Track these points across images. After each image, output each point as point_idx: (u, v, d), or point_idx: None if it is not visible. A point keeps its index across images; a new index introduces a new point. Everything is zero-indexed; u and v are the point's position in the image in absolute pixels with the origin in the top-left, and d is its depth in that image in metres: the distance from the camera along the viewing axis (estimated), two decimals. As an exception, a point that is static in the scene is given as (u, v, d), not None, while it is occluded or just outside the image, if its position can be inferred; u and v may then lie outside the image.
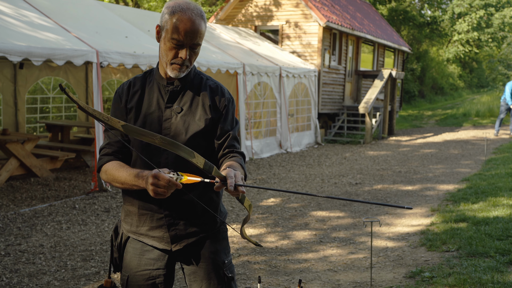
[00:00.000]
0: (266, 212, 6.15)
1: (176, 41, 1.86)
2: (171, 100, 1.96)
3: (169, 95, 1.96)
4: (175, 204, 1.95)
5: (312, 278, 4.05)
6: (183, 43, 1.87)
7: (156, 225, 1.97)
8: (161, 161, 1.93)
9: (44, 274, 4.07)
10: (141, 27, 9.02)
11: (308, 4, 13.61)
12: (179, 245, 1.98)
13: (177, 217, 1.96)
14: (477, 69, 41.88)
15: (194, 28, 1.86)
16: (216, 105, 1.99)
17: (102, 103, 6.86)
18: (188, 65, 1.93)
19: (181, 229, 1.97)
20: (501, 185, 7.15)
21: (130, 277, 2.03)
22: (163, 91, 1.97)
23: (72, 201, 6.45)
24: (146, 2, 18.06)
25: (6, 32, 6.11)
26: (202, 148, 1.97)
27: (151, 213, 1.97)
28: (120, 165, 1.91)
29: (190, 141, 1.93)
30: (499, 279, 3.73)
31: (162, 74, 1.98)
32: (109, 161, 1.95)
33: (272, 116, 11.29)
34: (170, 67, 1.91)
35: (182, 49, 1.88)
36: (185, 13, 1.85)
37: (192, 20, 1.86)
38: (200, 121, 1.96)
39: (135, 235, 2.03)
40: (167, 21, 1.88)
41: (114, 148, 1.98)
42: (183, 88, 1.98)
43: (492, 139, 13.46)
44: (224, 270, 2.03)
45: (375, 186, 7.74)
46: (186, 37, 1.85)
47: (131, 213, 2.02)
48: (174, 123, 1.94)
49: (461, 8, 33.27)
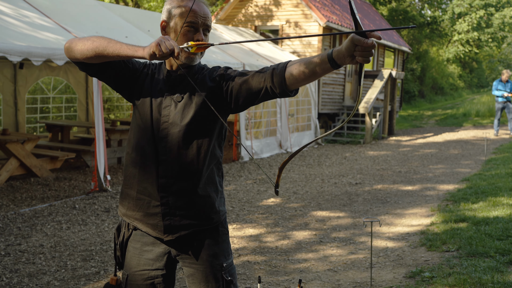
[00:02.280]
0: (266, 212, 6.15)
1: (191, 23, 1.89)
2: (172, 88, 1.96)
3: (171, 83, 1.96)
4: (173, 194, 1.94)
5: (312, 278, 4.05)
6: (198, 25, 1.90)
7: (152, 212, 1.96)
8: (159, 149, 1.93)
9: (44, 274, 4.07)
10: (141, 27, 9.02)
11: (308, 4, 13.61)
12: (171, 235, 1.96)
13: (173, 206, 1.94)
14: (477, 69, 41.87)
15: (205, 10, 1.93)
16: (216, 79, 1.95)
17: (102, 103, 6.86)
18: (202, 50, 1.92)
19: (176, 219, 1.95)
20: (501, 185, 7.15)
21: (130, 276, 2.03)
22: (166, 79, 1.97)
23: (72, 201, 6.45)
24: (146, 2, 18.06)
25: (6, 32, 6.11)
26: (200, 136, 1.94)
27: (148, 199, 1.96)
28: (111, 39, 1.86)
29: (187, 128, 1.91)
30: (499, 279, 3.73)
31: (168, 67, 1.98)
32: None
33: (272, 116, 11.29)
34: (184, 54, 1.90)
35: (197, 32, 1.91)
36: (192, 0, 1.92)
37: (201, 4, 1.93)
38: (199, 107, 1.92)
39: (130, 219, 2.02)
40: (175, 10, 1.91)
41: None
42: (185, 77, 1.95)
43: (492, 139, 13.45)
44: (223, 274, 2.00)
45: (375, 186, 7.74)
46: (199, 17, 1.90)
47: (129, 197, 2.01)
48: (173, 111, 1.93)
49: (461, 8, 33.27)
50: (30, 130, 10.33)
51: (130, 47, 1.78)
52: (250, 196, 7.04)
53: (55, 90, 10.72)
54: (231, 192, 7.28)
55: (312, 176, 8.59)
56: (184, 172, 1.93)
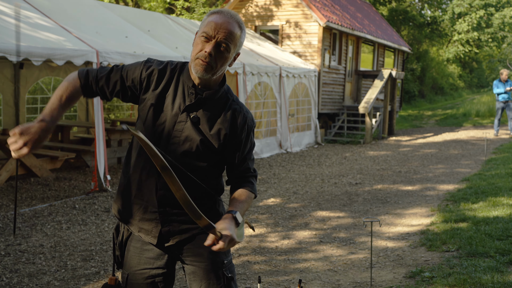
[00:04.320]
0: (266, 212, 6.15)
1: (205, 33, 1.83)
2: (191, 106, 1.91)
3: (193, 100, 1.90)
4: (172, 205, 1.94)
5: (312, 278, 4.05)
6: (211, 37, 1.82)
7: (148, 218, 1.96)
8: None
9: (44, 274, 4.07)
10: (141, 27, 9.02)
11: (308, 4, 13.61)
12: (172, 240, 1.97)
13: (171, 214, 1.95)
14: (477, 69, 41.87)
15: (226, 26, 1.82)
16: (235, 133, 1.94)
17: (102, 103, 6.86)
18: (214, 66, 1.84)
19: (175, 225, 1.96)
20: (501, 185, 7.15)
21: (130, 276, 2.03)
22: (187, 93, 1.91)
23: (72, 201, 6.45)
24: (146, 2, 18.05)
25: (6, 32, 6.11)
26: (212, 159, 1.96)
27: (145, 204, 1.96)
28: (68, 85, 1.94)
29: (196, 148, 1.90)
30: (499, 279, 3.73)
31: (191, 77, 1.93)
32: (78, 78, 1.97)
33: (272, 116, 11.29)
34: (194, 63, 1.85)
35: (208, 43, 1.83)
36: (221, 13, 1.85)
37: (227, 20, 1.84)
38: (212, 139, 1.92)
39: (124, 221, 2.02)
40: (203, 21, 1.87)
41: (101, 83, 1.96)
42: (207, 100, 1.92)
43: (492, 139, 13.45)
44: (224, 270, 2.02)
45: (375, 186, 7.74)
46: (215, 30, 1.82)
47: (125, 200, 2.01)
48: (187, 129, 1.90)
49: (461, 8, 33.27)
50: (30, 130, 10.31)
51: (49, 103, 1.94)
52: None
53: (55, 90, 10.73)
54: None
55: (312, 176, 8.59)
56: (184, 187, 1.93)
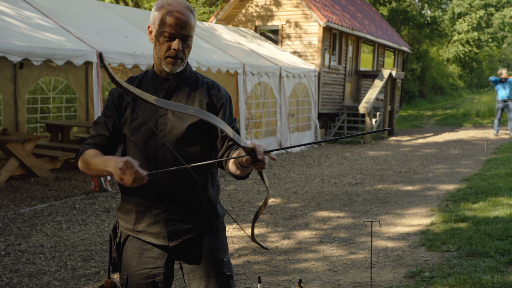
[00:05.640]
0: (266, 212, 6.15)
1: (167, 33, 1.87)
2: (166, 97, 1.96)
3: (165, 92, 1.96)
4: (173, 201, 1.96)
5: (312, 278, 4.05)
6: (174, 35, 1.88)
7: (154, 221, 1.97)
8: (158, 156, 1.94)
9: (44, 274, 4.07)
10: (141, 27, 9.02)
11: (308, 4, 13.61)
12: (176, 241, 1.98)
13: (174, 212, 1.97)
14: (477, 69, 41.85)
15: (183, 19, 1.88)
16: (213, 102, 2.00)
17: (102, 103, 6.86)
18: (183, 57, 1.92)
19: (179, 224, 1.97)
20: (501, 185, 7.15)
21: (130, 276, 2.03)
22: (159, 88, 1.97)
23: (72, 201, 6.45)
24: (146, 2, 18.05)
25: (6, 32, 6.11)
26: (202, 139, 1.97)
27: (149, 209, 1.97)
28: (97, 152, 1.92)
29: (187, 133, 1.93)
30: (499, 279, 3.73)
31: (157, 72, 1.98)
32: (88, 148, 1.96)
33: (272, 116, 11.29)
34: (164, 62, 1.91)
35: (174, 41, 1.89)
36: (173, 6, 1.88)
37: (180, 11, 1.88)
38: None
39: (134, 232, 2.03)
40: (156, 17, 1.90)
41: (97, 141, 1.99)
42: (178, 85, 1.98)
43: (492, 139, 13.46)
44: (223, 268, 2.04)
45: (375, 186, 7.74)
46: (176, 27, 1.86)
47: (130, 211, 2.02)
48: (170, 119, 1.94)
49: (461, 8, 33.26)
50: (30, 130, 10.33)
51: (102, 161, 1.83)
52: (250, 196, 7.05)
53: (55, 90, 10.73)
54: (231, 192, 7.28)
55: (312, 176, 8.59)
56: (182, 179, 1.94)
